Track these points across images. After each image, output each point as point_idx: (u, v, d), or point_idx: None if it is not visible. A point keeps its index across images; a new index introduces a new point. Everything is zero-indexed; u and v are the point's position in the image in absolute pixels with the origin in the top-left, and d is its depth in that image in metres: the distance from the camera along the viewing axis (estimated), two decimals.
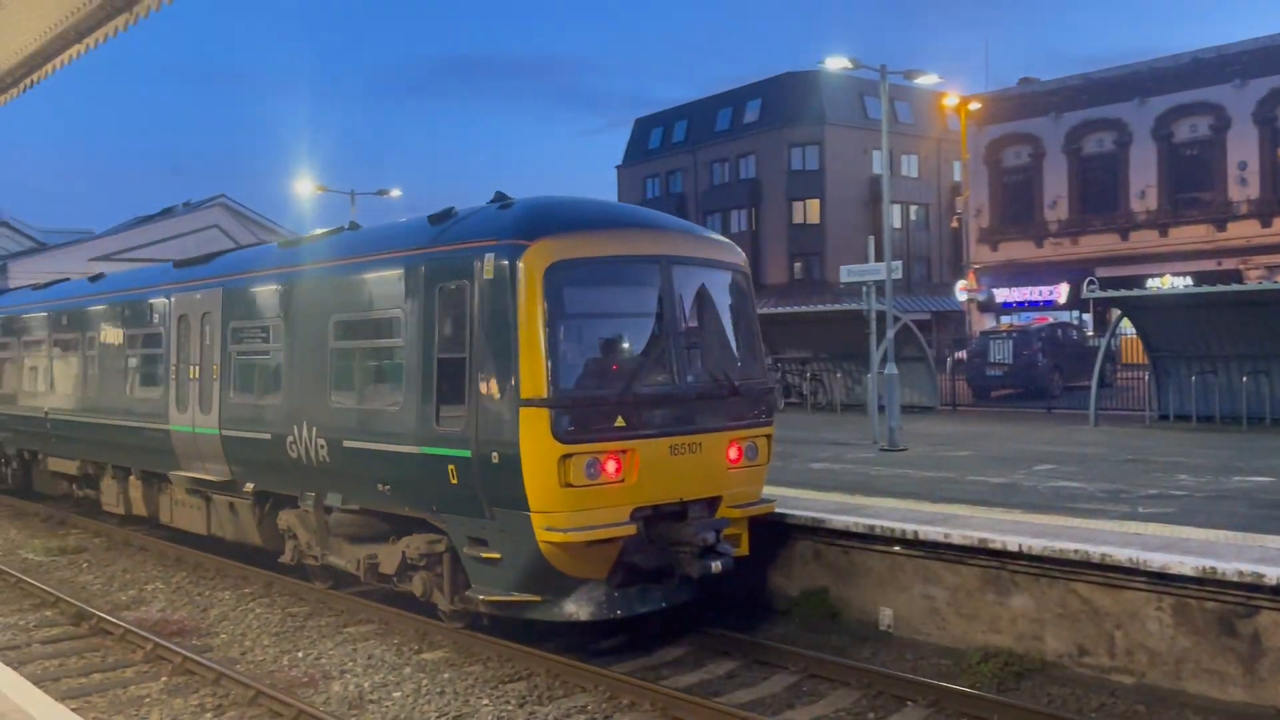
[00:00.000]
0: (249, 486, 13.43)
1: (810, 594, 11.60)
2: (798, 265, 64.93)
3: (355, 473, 11.43)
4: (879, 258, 20.26)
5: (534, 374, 9.53)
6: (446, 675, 9.94)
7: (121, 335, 16.62)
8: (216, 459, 13.89)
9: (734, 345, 11.26)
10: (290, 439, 12.23)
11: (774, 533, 11.94)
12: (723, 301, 11.25)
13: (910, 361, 26.03)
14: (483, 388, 9.86)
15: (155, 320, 15.71)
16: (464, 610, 10.73)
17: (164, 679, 9.91)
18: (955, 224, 60.25)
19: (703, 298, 10.95)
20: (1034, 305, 45.50)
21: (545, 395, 9.48)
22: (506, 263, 9.75)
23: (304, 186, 34.08)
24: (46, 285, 21.51)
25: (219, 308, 14.02)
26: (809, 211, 64.86)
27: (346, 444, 11.43)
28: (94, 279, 19.52)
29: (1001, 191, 47.67)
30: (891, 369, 19.25)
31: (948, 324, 57.87)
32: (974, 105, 44.93)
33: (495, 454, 9.64)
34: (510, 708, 9.06)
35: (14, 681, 6.63)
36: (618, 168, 77.32)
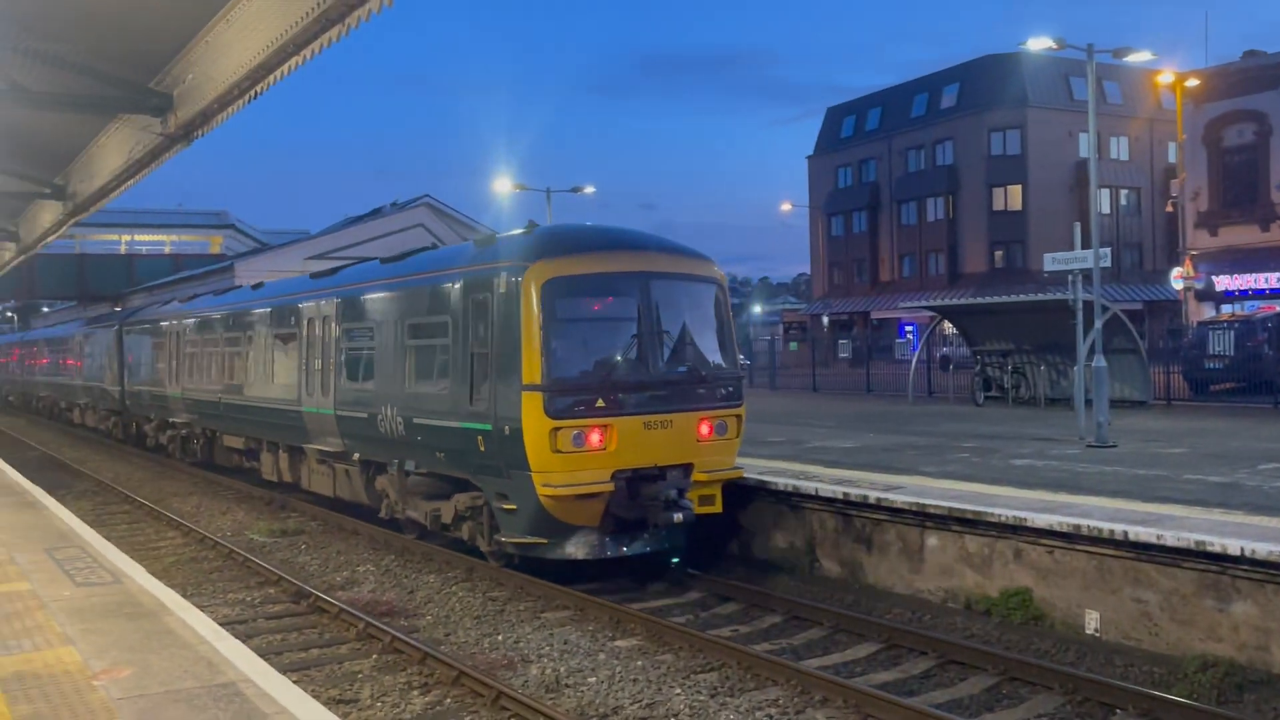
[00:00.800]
0: (356, 455, 16.43)
1: (1011, 594, 11.22)
2: (998, 254, 62.71)
3: (422, 443, 14.21)
4: (1086, 244, 19.33)
5: (531, 365, 12.08)
6: (639, 663, 10.10)
7: (271, 334, 19.88)
8: (334, 434, 16.98)
9: (706, 343, 13.39)
10: (380, 416, 15.11)
11: (970, 530, 11.62)
12: (697, 308, 13.42)
13: (1120, 354, 24.76)
14: (499, 376, 12.47)
15: (293, 322, 18.71)
16: (500, 551, 13.24)
17: (374, 657, 10.42)
18: (1170, 208, 56.88)
19: (678, 305, 13.13)
20: (1259, 294, 42.43)
21: (540, 382, 12.02)
22: (515, 279, 12.37)
23: (502, 185, 35.11)
24: (222, 291, 25.39)
25: (334, 313, 17.12)
26: (1010, 198, 62.54)
27: (415, 420, 14.20)
28: (255, 287, 22.60)
29: (1222, 173, 44.65)
30: (1100, 361, 18.38)
31: (1162, 314, 54.78)
32: (1191, 82, 42.21)
33: (507, 427, 12.22)
34: (702, 698, 9.13)
35: (243, 653, 7.11)
36: (808, 158, 76.52)
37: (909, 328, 63.01)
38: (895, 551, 12.63)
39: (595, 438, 12.14)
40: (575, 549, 12.43)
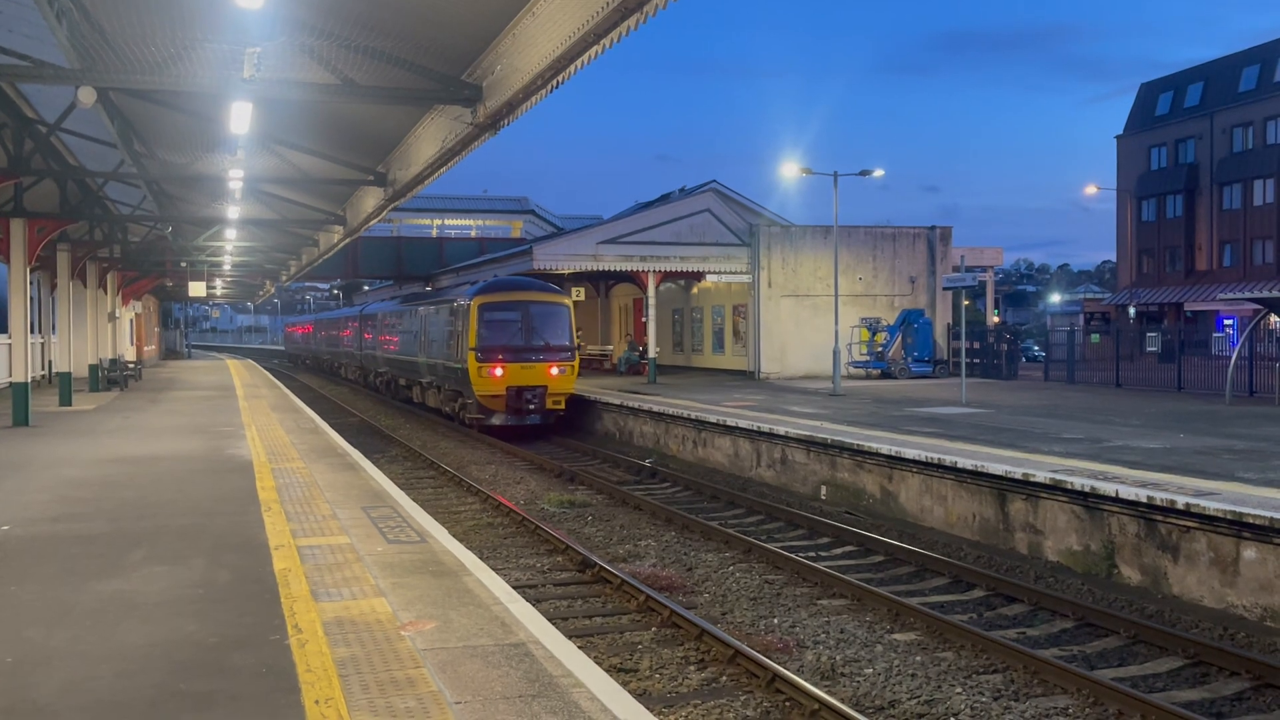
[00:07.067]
0: (434, 384, 32.95)
1: None
2: None
3: (447, 375, 30.70)
4: None
5: (472, 340, 28.20)
6: (918, 658, 9.86)
7: (409, 322, 37.30)
8: (428, 374, 33.68)
9: (556, 332, 28.74)
10: (438, 364, 31.92)
11: None
12: (553, 318, 28.93)
13: None
14: (463, 345, 28.72)
15: (416, 317, 35.87)
16: (471, 423, 29.00)
17: (654, 629, 10.68)
18: None
19: (542, 316, 28.79)
20: None
21: (475, 347, 28.10)
22: (469, 304, 28.77)
23: (789, 170, 34.91)
24: (396, 298, 46.87)
25: (426, 313, 34.26)
26: None
27: (445, 365, 30.85)
28: (407, 297, 42.71)
29: None
30: None
31: None
32: None
33: (464, 366, 28.56)
34: (984, 699, 8.80)
35: (533, 616, 7.47)
36: (1118, 138, 71.57)
37: (1228, 321, 57.87)
38: (1205, 562, 11.69)
39: (498, 372, 27.76)
40: (496, 420, 28.14)
